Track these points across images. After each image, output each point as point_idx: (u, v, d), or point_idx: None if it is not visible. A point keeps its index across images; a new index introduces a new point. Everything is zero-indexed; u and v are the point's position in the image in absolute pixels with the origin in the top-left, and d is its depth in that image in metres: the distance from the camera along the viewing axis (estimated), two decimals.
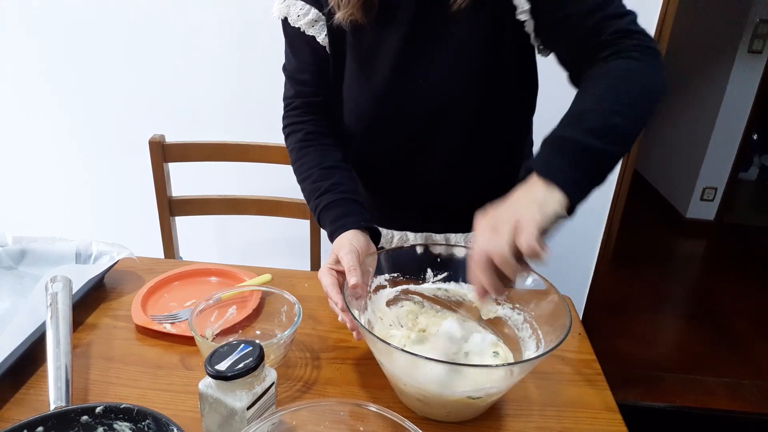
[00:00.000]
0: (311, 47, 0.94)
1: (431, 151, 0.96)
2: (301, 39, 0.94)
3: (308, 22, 0.92)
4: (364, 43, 0.90)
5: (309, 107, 1.00)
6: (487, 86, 0.89)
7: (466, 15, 0.83)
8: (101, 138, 2.00)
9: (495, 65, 0.88)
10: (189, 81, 1.89)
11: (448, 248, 0.88)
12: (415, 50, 0.87)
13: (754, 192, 4.44)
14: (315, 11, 0.91)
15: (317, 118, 1.00)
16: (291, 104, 1.01)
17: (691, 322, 2.75)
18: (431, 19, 0.85)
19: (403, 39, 0.87)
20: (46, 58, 1.89)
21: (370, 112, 0.95)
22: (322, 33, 0.92)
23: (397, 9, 0.86)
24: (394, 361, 0.69)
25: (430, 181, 0.99)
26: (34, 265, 1.00)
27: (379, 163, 1.02)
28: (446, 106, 0.91)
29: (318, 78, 0.97)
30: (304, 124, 0.99)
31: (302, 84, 0.99)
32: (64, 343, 0.75)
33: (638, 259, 3.29)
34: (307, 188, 0.95)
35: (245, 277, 1.01)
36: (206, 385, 0.63)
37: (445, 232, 1.05)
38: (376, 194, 1.06)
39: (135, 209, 2.00)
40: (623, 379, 2.28)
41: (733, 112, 3.28)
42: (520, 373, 0.69)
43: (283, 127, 1.03)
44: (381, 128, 0.96)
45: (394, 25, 0.86)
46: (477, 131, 0.94)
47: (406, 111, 0.93)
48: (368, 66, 0.91)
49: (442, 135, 0.94)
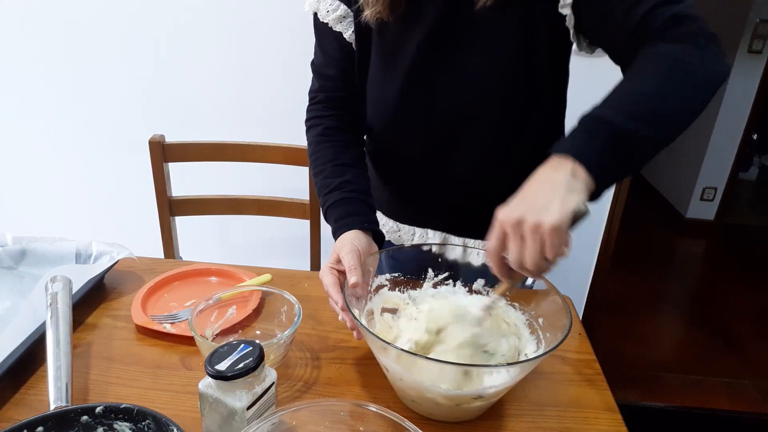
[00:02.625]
0: (338, 43, 0.94)
1: (455, 152, 0.94)
2: (329, 34, 0.94)
3: (336, 18, 0.92)
4: (388, 40, 0.90)
5: (332, 102, 1.00)
6: (516, 86, 0.87)
7: (495, 13, 0.81)
8: (101, 138, 2.00)
9: (525, 64, 0.85)
10: (189, 81, 1.89)
11: (449, 249, 0.88)
12: (439, 49, 0.87)
13: (754, 192, 4.44)
14: (344, 7, 0.91)
15: (339, 114, 1.00)
16: (315, 98, 1.02)
17: (691, 322, 2.75)
18: (457, 18, 0.84)
19: (427, 37, 0.86)
20: (46, 58, 1.89)
21: (392, 109, 0.95)
22: (350, 29, 0.92)
23: (423, 7, 0.85)
24: (394, 361, 0.69)
25: (453, 181, 0.98)
26: (34, 265, 1.00)
27: (401, 161, 1.01)
28: (471, 105, 0.90)
29: (343, 73, 0.97)
30: (325, 119, 0.99)
31: (327, 79, 0.99)
32: (64, 343, 0.75)
33: (638, 259, 3.29)
34: (318, 183, 0.95)
35: (245, 277, 1.01)
36: (206, 385, 0.63)
37: (466, 236, 1.02)
38: (397, 190, 1.06)
39: (135, 209, 2.00)
40: (623, 379, 2.28)
41: (733, 112, 3.28)
42: (520, 373, 0.69)
43: (306, 120, 1.03)
44: (403, 126, 0.96)
45: (419, 24, 0.86)
46: (504, 132, 0.92)
47: (428, 110, 0.92)
48: (392, 64, 0.91)
49: (466, 135, 0.92)
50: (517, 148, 0.94)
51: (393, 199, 1.06)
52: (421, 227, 1.06)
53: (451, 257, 0.86)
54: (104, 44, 1.85)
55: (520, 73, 0.86)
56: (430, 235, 1.05)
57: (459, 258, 0.87)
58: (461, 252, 0.87)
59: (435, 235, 1.04)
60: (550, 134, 0.97)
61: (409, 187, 1.04)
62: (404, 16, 0.86)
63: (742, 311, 2.83)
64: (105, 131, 1.99)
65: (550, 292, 0.77)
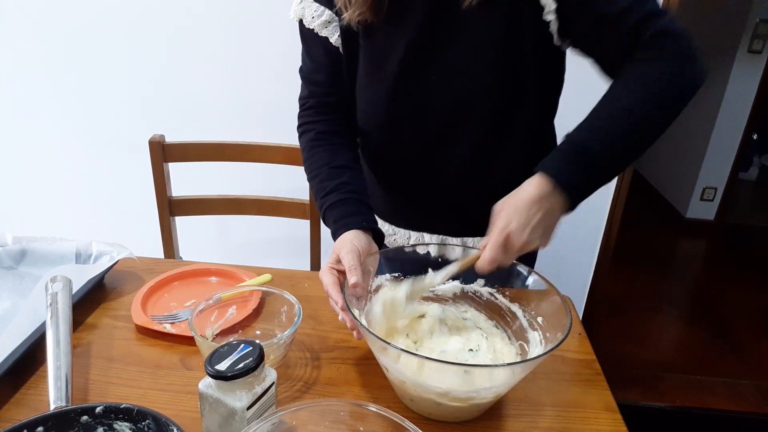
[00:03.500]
0: (325, 48, 0.94)
1: (446, 153, 0.95)
2: (316, 40, 0.94)
3: (322, 23, 0.92)
4: (375, 43, 0.90)
5: (322, 107, 1.00)
6: (503, 85, 0.88)
7: (480, 13, 0.81)
8: (101, 138, 2.00)
9: (512, 64, 0.86)
10: (189, 81, 1.89)
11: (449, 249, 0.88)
12: (425, 50, 0.87)
13: (754, 192, 4.44)
14: (329, 12, 0.91)
15: (330, 118, 1.00)
16: (305, 104, 1.02)
17: (691, 322, 2.75)
18: (442, 19, 0.84)
19: (413, 39, 0.86)
20: (47, 58, 1.89)
21: (382, 112, 0.95)
22: (336, 34, 0.92)
23: (408, 9, 0.85)
24: (394, 361, 0.69)
25: (446, 182, 0.98)
26: (34, 265, 1.00)
27: (393, 163, 1.01)
28: (461, 106, 0.90)
29: (332, 78, 0.97)
30: (317, 124, 0.99)
31: (316, 84, 1.00)
32: (64, 343, 0.75)
33: (638, 259, 3.29)
34: (314, 187, 0.95)
35: (245, 277, 1.01)
36: (206, 385, 0.63)
37: (462, 235, 1.03)
38: (391, 193, 1.06)
39: (135, 209, 2.00)
40: (623, 379, 2.28)
41: (733, 112, 3.28)
42: (520, 373, 0.69)
43: (298, 126, 1.03)
44: (394, 128, 0.96)
45: (404, 25, 0.86)
46: (494, 130, 0.92)
47: (418, 112, 0.92)
48: (380, 67, 0.91)
49: (457, 136, 0.93)
50: (507, 146, 0.95)
51: (387, 201, 1.06)
52: (416, 230, 1.06)
53: (451, 257, 0.87)
54: (104, 45, 1.85)
55: (507, 71, 0.87)
56: (426, 238, 1.05)
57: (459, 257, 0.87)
58: (461, 252, 0.87)
59: (431, 239, 1.05)
60: (540, 132, 0.99)
61: (402, 188, 1.04)
62: (389, 17, 0.86)
63: (742, 311, 2.83)
64: (105, 131, 1.99)
65: (550, 292, 0.77)
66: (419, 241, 1.06)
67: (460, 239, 1.03)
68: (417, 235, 1.06)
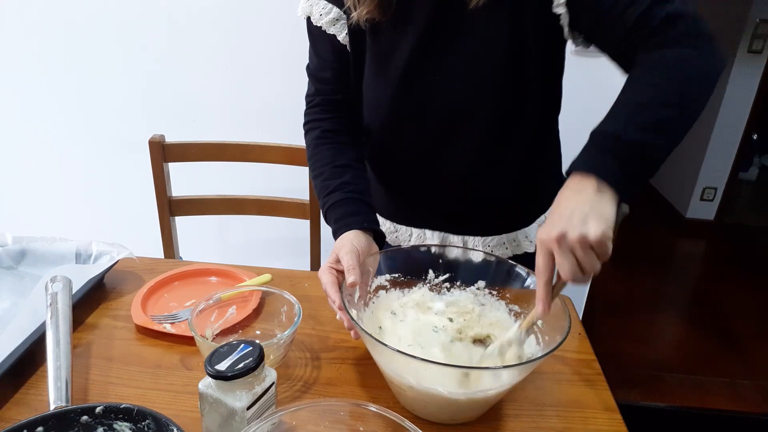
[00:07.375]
0: (332, 46, 0.95)
1: (450, 151, 0.95)
2: (323, 38, 0.94)
3: (329, 21, 0.92)
4: (382, 42, 0.90)
5: (329, 105, 1.00)
6: (508, 83, 0.88)
7: (486, 12, 0.81)
8: (101, 138, 2.00)
9: (517, 64, 0.86)
10: (189, 81, 1.89)
11: (449, 250, 0.88)
12: (431, 49, 0.87)
13: (754, 192, 4.44)
14: (337, 10, 0.91)
15: (336, 116, 1.00)
16: (312, 102, 1.02)
17: (691, 322, 2.75)
18: (448, 18, 0.85)
19: (419, 38, 0.86)
20: (46, 58, 1.89)
21: (388, 110, 0.95)
22: (343, 32, 0.93)
23: (414, 8, 0.85)
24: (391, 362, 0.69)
25: (449, 180, 0.98)
26: (34, 265, 1.00)
27: (397, 161, 1.02)
28: (466, 103, 0.90)
29: (338, 76, 0.98)
30: (323, 122, 1.00)
31: (323, 82, 1.00)
32: (64, 343, 0.75)
33: (638, 259, 3.29)
34: (318, 185, 0.95)
35: (245, 277, 1.01)
36: (206, 385, 0.63)
37: (464, 234, 1.03)
38: (394, 190, 1.06)
39: (135, 209, 2.00)
40: (623, 379, 2.28)
41: (733, 112, 3.28)
42: (520, 374, 0.69)
43: (303, 123, 1.03)
44: (399, 127, 0.96)
45: (411, 24, 0.86)
46: (498, 129, 0.92)
47: (423, 110, 0.92)
48: (385, 65, 0.91)
49: (461, 134, 0.93)
50: (510, 145, 0.95)
51: (390, 199, 1.06)
52: (418, 227, 1.06)
53: (451, 256, 0.86)
54: (104, 44, 1.85)
55: (512, 70, 0.87)
56: (427, 235, 1.05)
57: (459, 256, 0.87)
58: (461, 252, 0.87)
59: (433, 235, 1.05)
60: (543, 130, 0.98)
61: (406, 187, 1.04)
62: (396, 17, 0.86)
63: (742, 311, 2.83)
64: (105, 131, 1.99)
65: None
66: (420, 238, 1.05)
67: (461, 237, 1.03)
68: (418, 232, 1.06)
